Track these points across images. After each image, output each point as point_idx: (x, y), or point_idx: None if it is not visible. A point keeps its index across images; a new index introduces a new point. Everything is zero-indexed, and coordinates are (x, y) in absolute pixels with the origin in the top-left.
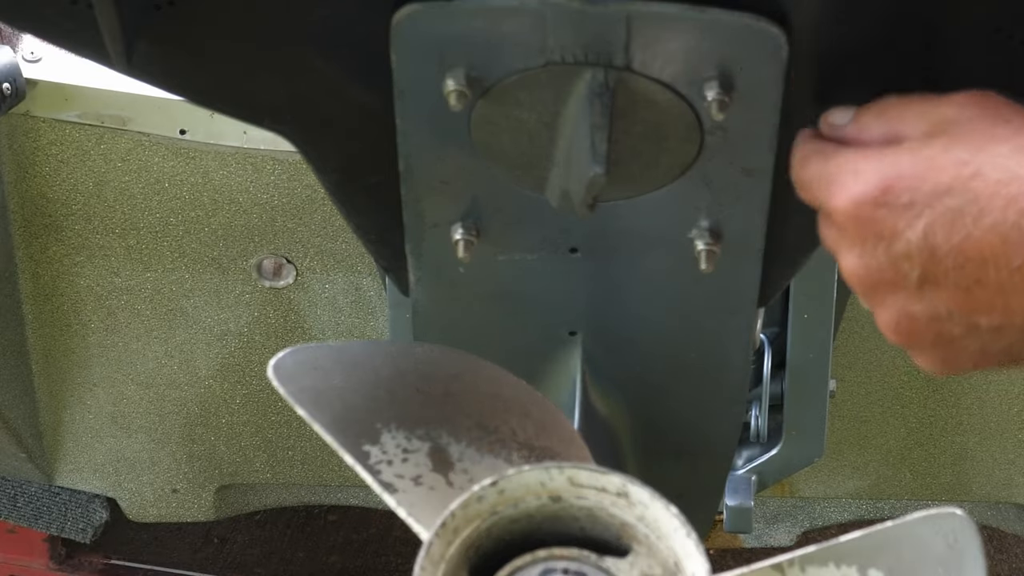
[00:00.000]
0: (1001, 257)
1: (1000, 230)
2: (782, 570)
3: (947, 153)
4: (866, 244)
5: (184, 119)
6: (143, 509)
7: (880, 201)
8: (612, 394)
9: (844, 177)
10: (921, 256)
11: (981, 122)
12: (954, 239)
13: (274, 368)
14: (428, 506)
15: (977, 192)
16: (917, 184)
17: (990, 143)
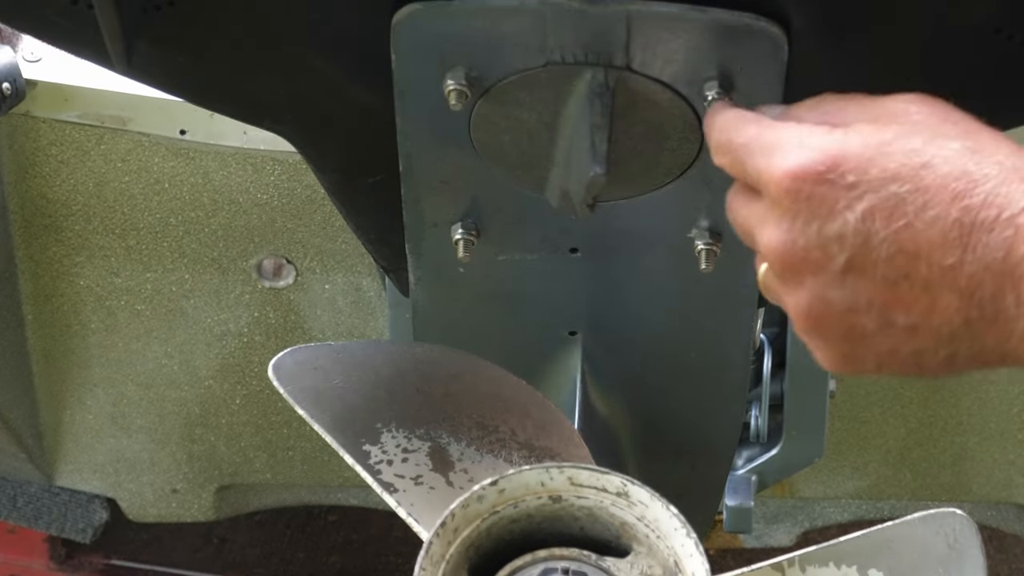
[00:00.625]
0: (936, 252)
1: (941, 225)
2: (782, 570)
3: (898, 140)
4: (797, 219)
5: (184, 119)
6: (143, 509)
7: (824, 177)
8: (612, 394)
9: (788, 146)
10: (854, 240)
11: (930, 118)
12: (892, 227)
13: (274, 368)
14: (428, 506)
15: (925, 183)
16: (865, 165)
17: (940, 137)
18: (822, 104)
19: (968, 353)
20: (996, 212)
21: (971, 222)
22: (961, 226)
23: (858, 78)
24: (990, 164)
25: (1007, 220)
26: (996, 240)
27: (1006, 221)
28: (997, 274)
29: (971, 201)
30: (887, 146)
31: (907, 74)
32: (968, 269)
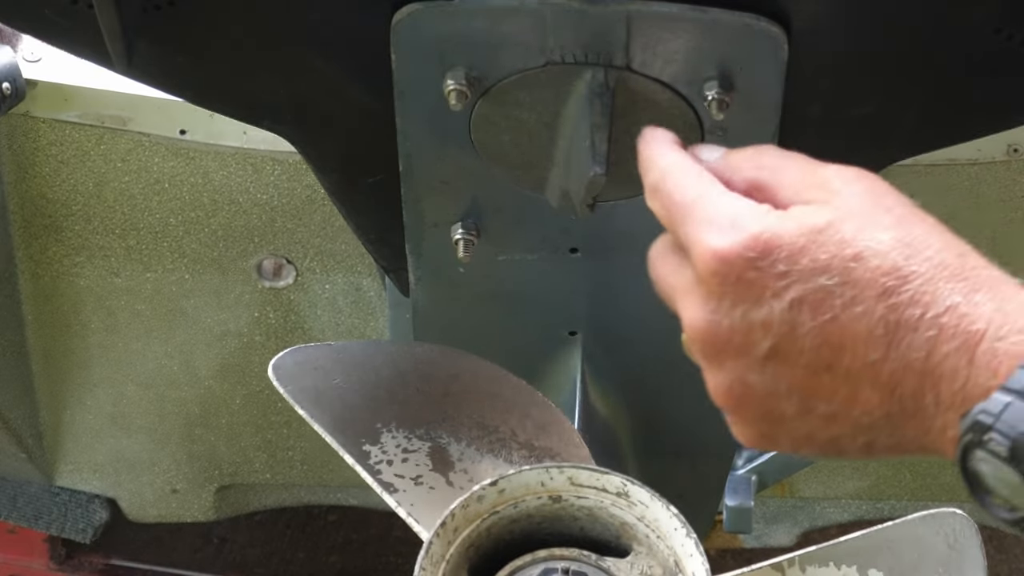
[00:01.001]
0: (860, 347)
1: (867, 321)
2: (782, 570)
3: (831, 229)
4: (723, 301)
5: (184, 119)
6: (143, 509)
7: (754, 263)
8: (612, 394)
9: (722, 224)
10: (780, 329)
11: (864, 202)
12: (818, 319)
13: (274, 368)
14: (428, 506)
15: (854, 276)
16: (796, 254)
17: (873, 227)
18: (760, 157)
19: (887, 442)
20: (921, 311)
21: (896, 320)
22: (887, 324)
23: (857, 79)
24: (920, 260)
25: (931, 320)
26: (919, 340)
27: (930, 320)
28: (918, 373)
29: (898, 299)
30: (819, 234)
31: (907, 74)
32: (890, 366)
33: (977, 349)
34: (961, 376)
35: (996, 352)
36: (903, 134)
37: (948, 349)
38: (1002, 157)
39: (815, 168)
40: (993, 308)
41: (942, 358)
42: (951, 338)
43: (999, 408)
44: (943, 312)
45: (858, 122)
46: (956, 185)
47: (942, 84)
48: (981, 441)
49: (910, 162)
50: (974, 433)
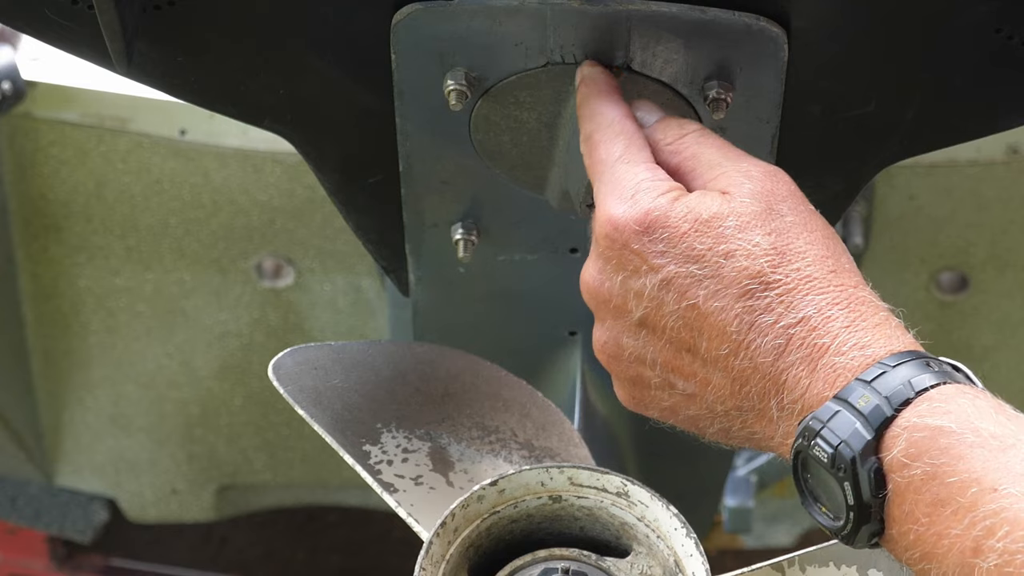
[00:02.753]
0: (715, 339)
1: (723, 316)
2: (782, 570)
3: (714, 221)
4: (608, 264)
5: (184, 119)
6: (143, 509)
7: (638, 235)
8: (612, 394)
9: (623, 193)
10: (650, 302)
11: (758, 203)
12: (682, 303)
13: (274, 368)
14: (428, 506)
15: (722, 272)
16: (676, 238)
17: (753, 229)
18: (682, 140)
19: (741, 434)
20: (774, 319)
21: (751, 322)
22: (740, 323)
23: (857, 79)
24: (787, 270)
25: (781, 328)
26: (768, 345)
27: (780, 329)
28: (764, 376)
29: (756, 302)
30: (703, 224)
31: (907, 74)
32: (740, 363)
33: (819, 362)
34: (802, 386)
35: (835, 366)
36: (903, 134)
37: (793, 359)
38: (1002, 158)
39: (728, 161)
40: (843, 324)
41: (787, 366)
42: (797, 349)
43: (828, 416)
44: (795, 323)
45: (858, 122)
46: (956, 185)
47: (942, 84)
48: (808, 447)
49: (910, 162)
50: (803, 439)
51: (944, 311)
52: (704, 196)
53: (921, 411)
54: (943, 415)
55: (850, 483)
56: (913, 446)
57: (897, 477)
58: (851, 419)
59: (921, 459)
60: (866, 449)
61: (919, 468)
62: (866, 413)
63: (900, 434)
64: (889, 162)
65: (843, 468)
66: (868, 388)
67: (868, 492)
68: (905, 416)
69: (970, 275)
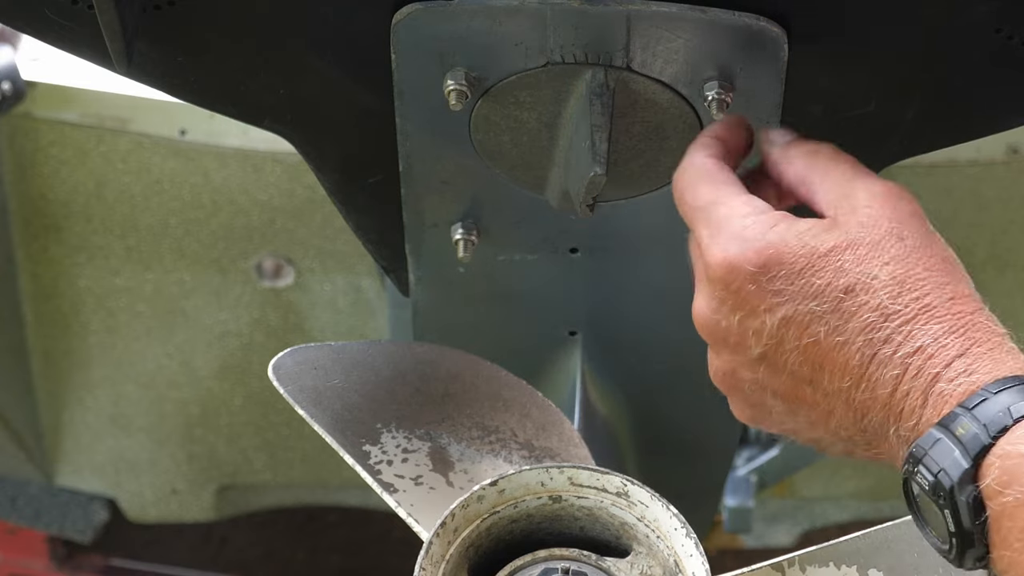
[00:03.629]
0: (837, 372)
1: (846, 351)
2: (782, 570)
3: (831, 255)
4: (724, 305)
5: (184, 119)
6: (143, 509)
7: (754, 276)
8: (612, 394)
9: (729, 234)
10: (769, 341)
11: (878, 229)
12: (804, 340)
13: (274, 368)
14: (428, 506)
15: (842, 308)
16: (792, 276)
17: (873, 259)
18: (815, 156)
19: (865, 453)
20: (893, 350)
21: (871, 355)
22: (862, 356)
23: (857, 79)
24: (906, 300)
25: (900, 358)
26: (887, 376)
27: (899, 359)
28: (883, 406)
29: (876, 335)
30: (820, 259)
31: (907, 74)
32: (861, 396)
33: (931, 390)
34: (916, 415)
35: (943, 393)
36: (903, 134)
37: (908, 388)
38: (1002, 158)
39: (852, 180)
40: (956, 352)
41: (903, 396)
42: (913, 378)
43: (930, 443)
44: (913, 352)
45: (858, 122)
46: (956, 186)
47: (942, 84)
48: (912, 473)
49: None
50: (909, 465)
51: None
52: (820, 226)
53: (1014, 438)
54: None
55: (950, 511)
56: (1005, 473)
57: (993, 504)
58: (951, 447)
59: (1012, 486)
60: (964, 478)
61: (1011, 495)
62: (965, 441)
63: (994, 462)
64: (889, 162)
65: (943, 496)
66: (969, 415)
67: (968, 520)
68: (1000, 444)
69: (970, 275)
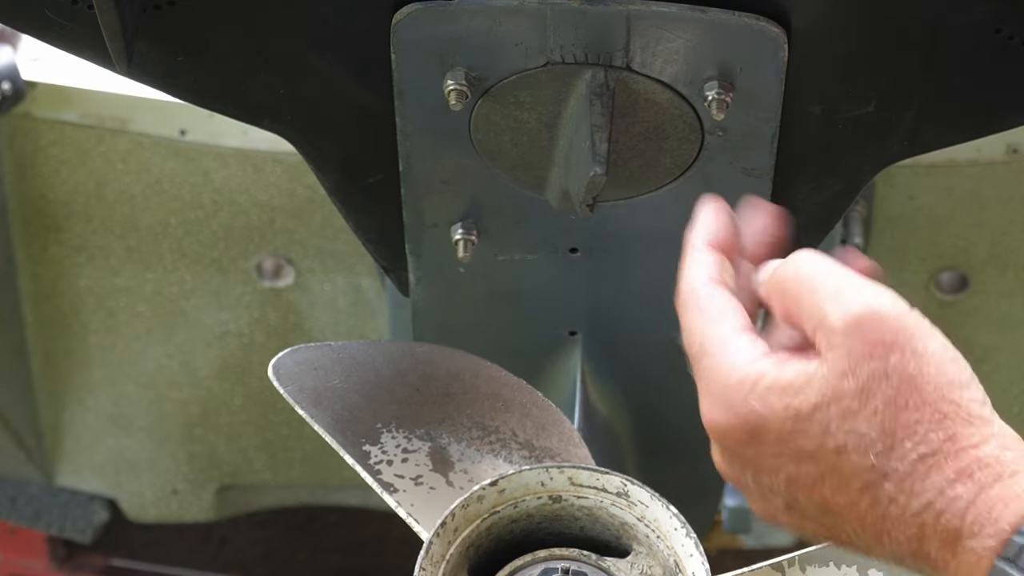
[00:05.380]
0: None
1: (856, 510)
2: (782, 570)
3: (816, 415)
4: (733, 463)
5: (184, 119)
6: (143, 509)
7: (747, 443)
8: (612, 394)
9: (715, 394)
10: (786, 495)
11: (859, 372)
12: (814, 498)
13: (274, 368)
14: (428, 506)
15: (838, 468)
16: (784, 439)
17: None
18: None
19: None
20: (900, 511)
21: (881, 515)
22: (874, 515)
23: (857, 79)
24: (898, 455)
25: (911, 518)
26: (904, 535)
27: (911, 519)
28: (915, 556)
29: (879, 495)
30: (804, 422)
31: (907, 74)
32: (887, 549)
33: (958, 547)
34: (951, 568)
35: (975, 550)
36: (903, 134)
37: (932, 546)
38: (1002, 158)
39: (824, 306)
40: (968, 501)
41: (930, 550)
42: (932, 536)
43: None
44: (922, 510)
45: (858, 122)
46: (956, 186)
47: (942, 84)
48: None
49: (910, 162)
50: None
51: (944, 311)
52: (803, 378)
53: None
54: None
55: None
56: None
57: None
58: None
59: None
60: None
61: None
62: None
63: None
64: (889, 162)
65: None
66: (1015, 568)
67: None
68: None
69: (970, 275)
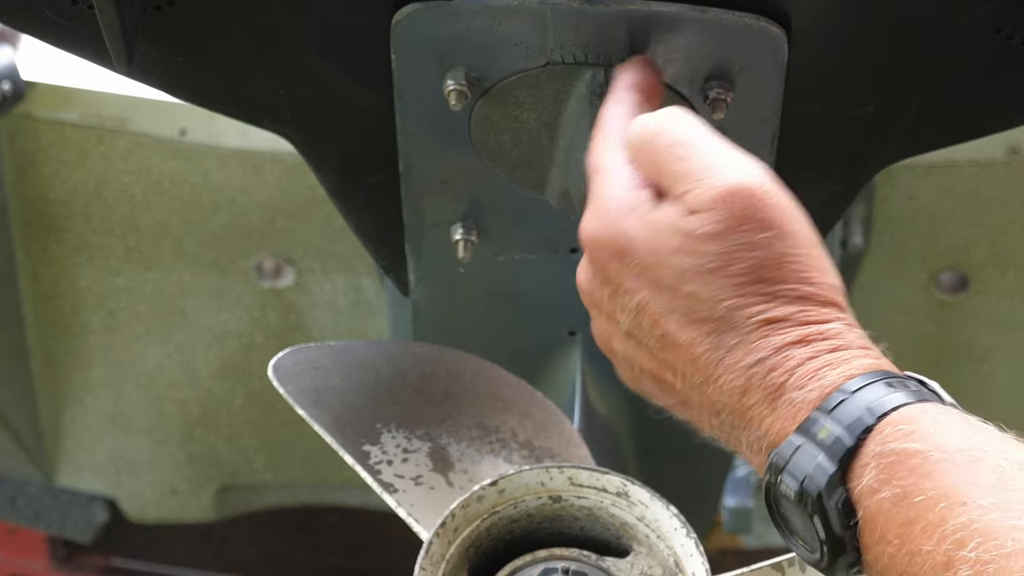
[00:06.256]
0: (689, 367)
1: (694, 349)
2: (782, 570)
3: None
4: (595, 276)
5: (184, 119)
6: (143, 509)
7: (614, 257)
8: (612, 394)
9: (596, 206)
10: (632, 320)
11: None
12: (657, 330)
13: (274, 368)
14: (428, 506)
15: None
16: (645, 266)
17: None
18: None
19: (732, 443)
20: (737, 359)
21: (718, 359)
22: (709, 358)
23: (857, 79)
24: (746, 315)
25: (742, 369)
26: (731, 384)
27: (741, 369)
28: (732, 412)
29: (721, 340)
30: (670, 256)
31: (907, 74)
32: (712, 395)
33: (779, 400)
34: (765, 424)
35: (794, 401)
36: (903, 134)
37: (754, 400)
38: (1002, 158)
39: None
40: (799, 360)
41: (751, 405)
42: (757, 389)
43: (790, 451)
44: (753, 364)
45: (858, 122)
46: (956, 185)
47: (942, 84)
48: (775, 483)
49: (910, 162)
50: (770, 475)
51: (944, 311)
52: (667, 223)
53: (885, 436)
54: (907, 437)
55: (819, 517)
56: (883, 472)
57: (867, 503)
58: (813, 453)
59: (890, 483)
60: (831, 482)
61: (888, 492)
62: (828, 445)
63: (868, 463)
64: (889, 162)
65: (810, 503)
66: (828, 418)
67: (838, 525)
68: (869, 446)
69: (970, 275)
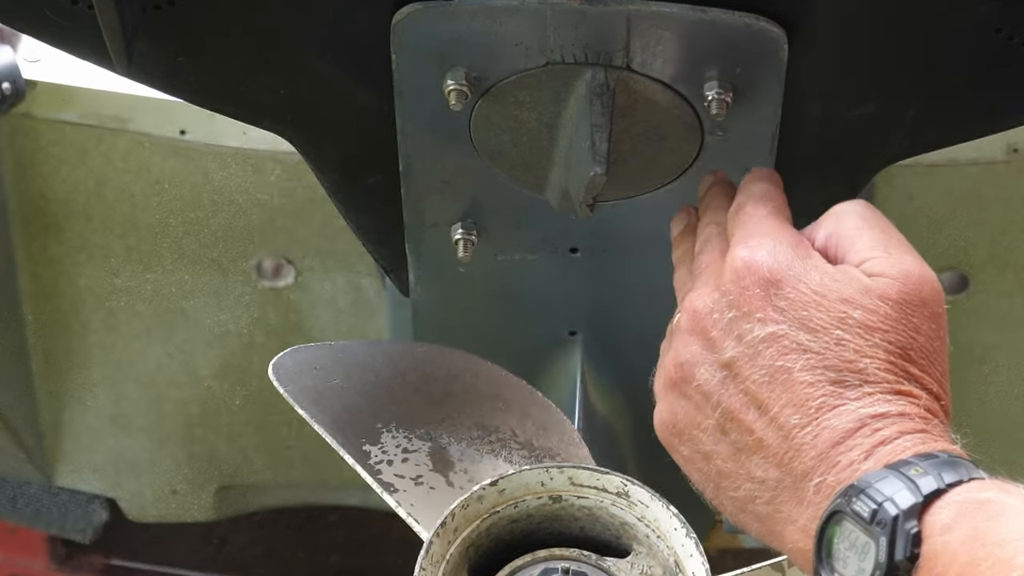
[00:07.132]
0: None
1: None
2: (782, 570)
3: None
4: (724, 297)
5: (184, 119)
6: (143, 509)
7: (765, 284)
8: (612, 394)
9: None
10: (747, 348)
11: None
12: (778, 362)
13: (274, 368)
14: (428, 506)
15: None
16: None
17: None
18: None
19: (760, 509)
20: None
21: (833, 405)
22: (823, 403)
23: (857, 79)
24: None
25: (860, 417)
26: (839, 426)
27: (857, 416)
28: (819, 454)
29: (847, 392)
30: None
31: (907, 74)
32: (803, 437)
33: (879, 450)
34: (854, 467)
35: (893, 452)
36: (903, 134)
37: (855, 443)
38: (1002, 157)
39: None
40: (915, 428)
41: (847, 449)
42: (864, 436)
43: (877, 478)
44: (875, 416)
45: (858, 122)
46: (956, 186)
47: (942, 84)
48: (848, 503)
49: (910, 162)
50: (843, 498)
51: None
52: (846, 275)
53: (972, 487)
54: (994, 490)
55: (887, 539)
56: (961, 514)
57: (935, 540)
58: (900, 483)
59: (966, 523)
60: (911, 510)
61: (960, 531)
62: (917, 481)
63: (948, 505)
64: (889, 162)
65: (884, 523)
66: (924, 463)
67: (902, 550)
68: (957, 491)
69: (970, 275)
